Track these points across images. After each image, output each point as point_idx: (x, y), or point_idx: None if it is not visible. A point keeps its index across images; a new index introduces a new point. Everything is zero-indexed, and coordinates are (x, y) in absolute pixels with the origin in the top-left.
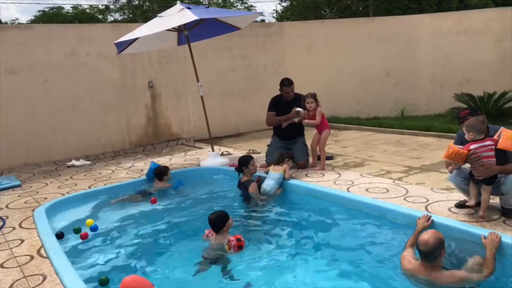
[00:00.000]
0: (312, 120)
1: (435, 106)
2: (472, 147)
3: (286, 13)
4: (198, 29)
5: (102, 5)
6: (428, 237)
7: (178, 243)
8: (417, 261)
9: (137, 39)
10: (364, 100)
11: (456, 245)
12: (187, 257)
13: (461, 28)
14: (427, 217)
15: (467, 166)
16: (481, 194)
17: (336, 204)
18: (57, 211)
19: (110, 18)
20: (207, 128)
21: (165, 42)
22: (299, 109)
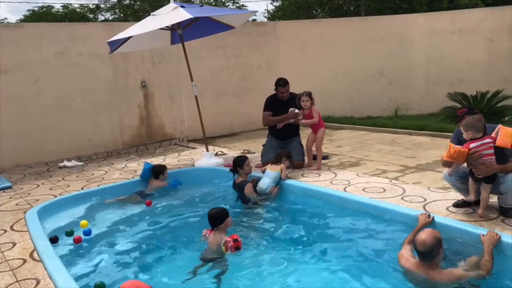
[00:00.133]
0: (309, 119)
1: (428, 105)
2: (472, 145)
3: (277, 12)
4: (191, 28)
5: (93, 5)
6: (425, 237)
7: (175, 245)
8: (414, 259)
9: (130, 38)
10: (357, 99)
11: (454, 245)
12: (184, 259)
13: (454, 28)
14: (428, 214)
15: (463, 164)
16: (481, 192)
17: (333, 204)
18: (49, 213)
19: (101, 18)
20: (201, 128)
21: (158, 41)
22: (296, 110)
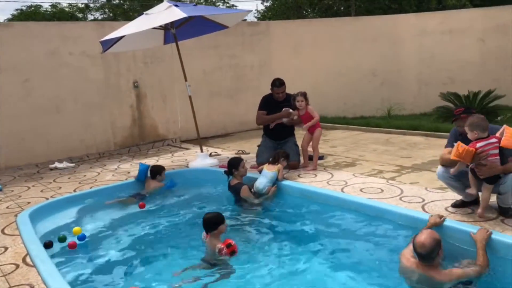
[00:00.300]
0: (306, 119)
1: (421, 105)
2: (479, 145)
3: (268, 13)
4: (185, 27)
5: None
6: (424, 239)
7: (171, 248)
8: (415, 259)
9: (122, 37)
10: (350, 99)
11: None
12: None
13: (445, 28)
14: (439, 215)
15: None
16: (481, 192)
17: (331, 205)
18: (41, 216)
19: (90, 17)
20: (195, 128)
21: (151, 40)
22: (290, 110)
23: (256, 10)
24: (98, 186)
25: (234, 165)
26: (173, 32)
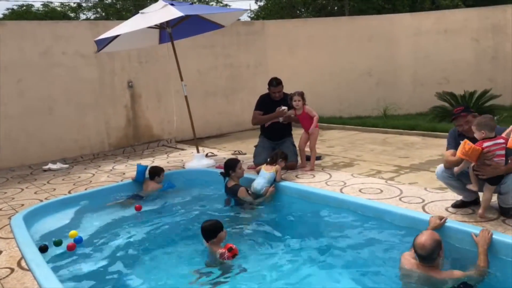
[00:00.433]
0: (304, 120)
1: (416, 105)
2: (486, 144)
3: (262, 12)
4: (181, 26)
5: (74, 3)
6: (424, 240)
7: (169, 251)
8: (415, 260)
9: (117, 36)
10: (346, 99)
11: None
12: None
13: (440, 28)
14: (440, 216)
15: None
16: (483, 192)
17: (330, 205)
18: (36, 218)
19: (82, 17)
20: (191, 128)
21: (147, 40)
22: (285, 108)
23: (250, 9)
24: (93, 187)
25: (231, 166)
26: (169, 31)
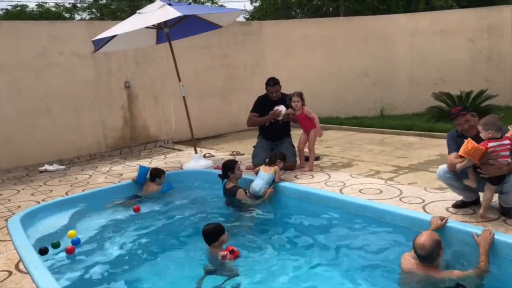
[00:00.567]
0: (304, 120)
1: (412, 105)
2: (491, 145)
3: (257, 13)
4: (178, 26)
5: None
6: (424, 240)
7: (169, 252)
8: (416, 260)
9: (114, 36)
10: (343, 99)
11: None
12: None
13: (436, 28)
14: (441, 217)
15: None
16: (484, 192)
17: (330, 206)
18: (33, 220)
19: (77, 17)
20: (189, 129)
21: (144, 40)
22: (280, 108)
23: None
24: (90, 189)
25: (229, 167)
26: (166, 32)
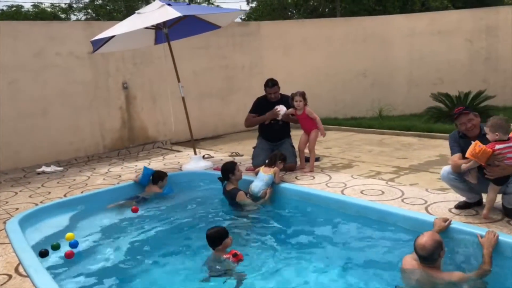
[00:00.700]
0: (305, 121)
1: (411, 106)
2: (498, 147)
3: (253, 14)
4: (177, 27)
5: (65, 4)
6: (425, 241)
7: (169, 254)
8: (417, 261)
9: (113, 37)
10: (341, 100)
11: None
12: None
13: (434, 29)
14: (444, 218)
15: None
16: (487, 193)
17: (332, 207)
18: (32, 222)
19: (73, 18)
20: (187, 130)
21: (142, 40)
22: (280, 107)
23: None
24: (89, 190)
25: (230, 169)
26: (165, 32)
